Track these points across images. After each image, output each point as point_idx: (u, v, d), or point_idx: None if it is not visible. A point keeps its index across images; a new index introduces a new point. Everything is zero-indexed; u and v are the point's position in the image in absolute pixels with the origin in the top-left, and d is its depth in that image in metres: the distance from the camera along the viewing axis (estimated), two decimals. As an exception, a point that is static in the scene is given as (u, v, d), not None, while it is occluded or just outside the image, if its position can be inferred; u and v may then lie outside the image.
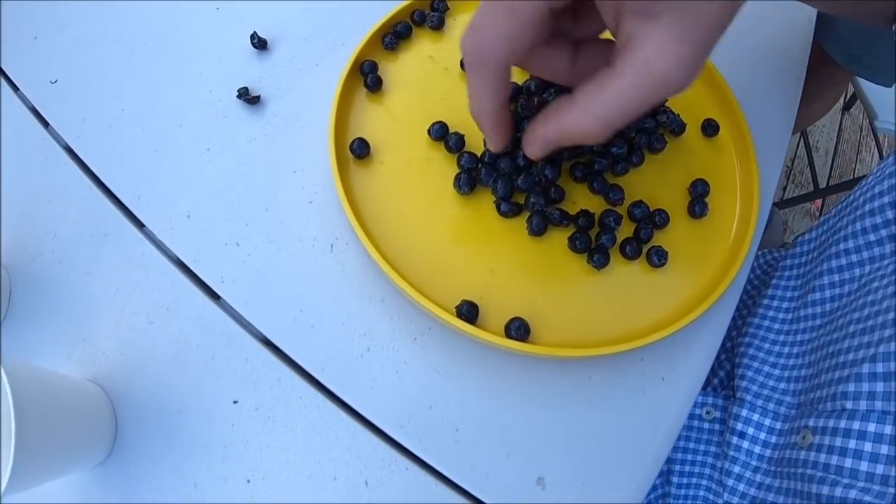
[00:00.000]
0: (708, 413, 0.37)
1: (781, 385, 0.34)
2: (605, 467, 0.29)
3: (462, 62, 0.37)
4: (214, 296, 0.33)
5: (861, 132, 1.50)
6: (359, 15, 0.40)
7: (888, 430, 0.26)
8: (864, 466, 0.26)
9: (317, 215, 0.34)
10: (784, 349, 0.35)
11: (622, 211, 0.33)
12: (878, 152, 1.38)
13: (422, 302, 0.29)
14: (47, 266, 0.35)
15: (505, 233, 0.33)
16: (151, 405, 0.31)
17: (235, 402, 0.31)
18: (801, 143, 1.36)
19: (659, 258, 0.32)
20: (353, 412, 0.30)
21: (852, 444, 0.27)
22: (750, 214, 0.33)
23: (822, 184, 1.35)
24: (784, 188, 1.36)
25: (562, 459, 0.29)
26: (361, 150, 0.34)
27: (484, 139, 0.34)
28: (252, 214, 0.34)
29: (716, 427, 0.37)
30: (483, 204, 0.33)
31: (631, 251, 0.32)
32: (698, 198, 0.34)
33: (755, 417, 0.34)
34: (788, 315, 0.37)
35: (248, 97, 0.37)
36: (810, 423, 0.30)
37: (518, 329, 0.29)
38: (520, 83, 0.35)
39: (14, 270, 0.35)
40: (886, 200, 0.31)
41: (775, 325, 0.37)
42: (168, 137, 0.37)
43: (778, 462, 0.32)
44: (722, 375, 0.40)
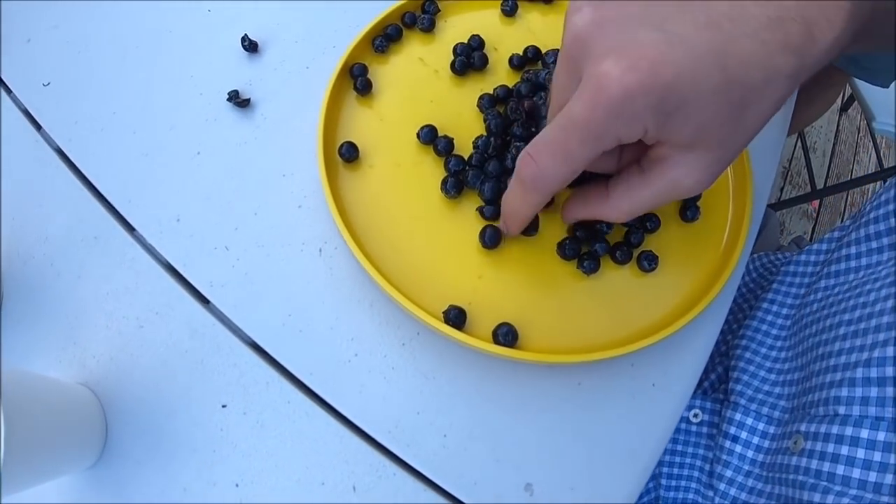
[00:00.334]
0: (696, 416, 0.37)
1: (777, 389, 0.34)
2: (595, 473, 0.29)
3: (453, 64, 0.37)
4: (204, 300, 0.33)
5: (858, 133, 1.50)
6: (349, 17, 0.40)
7: (881, 437, 0.26)
8: (857, 473, 0.26)
9: (305, 219, 0.34)
10: (781, 353, 0.35)
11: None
12: (876, 153, 1.38)
13: (409, 307, 0.29)
14: (38, 269, 0.35)
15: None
16: (141, 409, 0.31)
17: (224, 407, 0.31)
18: (799, 144, 1.36)
19: (649, 263, 0.31)
20: (342, 417, 0.30)
21: (844, 451, 0.27)
22: (742, 218, 0.33)
23: (820, 185, 1.35)
24: (781, 189, 1.35)
25: (550, 465, 0.29)
26: (350, 154, 0.33)
27: (474, 142, 0.34)
28: (241, 218, 0.34)
29: (703, 430, 0.36)
30: (471, 208, 0.33)
31: (621, 256, 0.32)
32: (690, 201, 0.34)
33: (749, 421, 0.33)
34: (788, 321, 0.36)
35: (239, 100, 0.37)
36: (802, 428, 0.30)
37: (506, 335, 0.29)
38: (510, 86, 0.35)
39: (5, 273, 0.35)
40: (891, 208, 0.31)
41: (773, 331, 0.36)
42: (159, 141, 0.37)
43: (770, 467, 0.32)
44: (713, 378, 0.40)
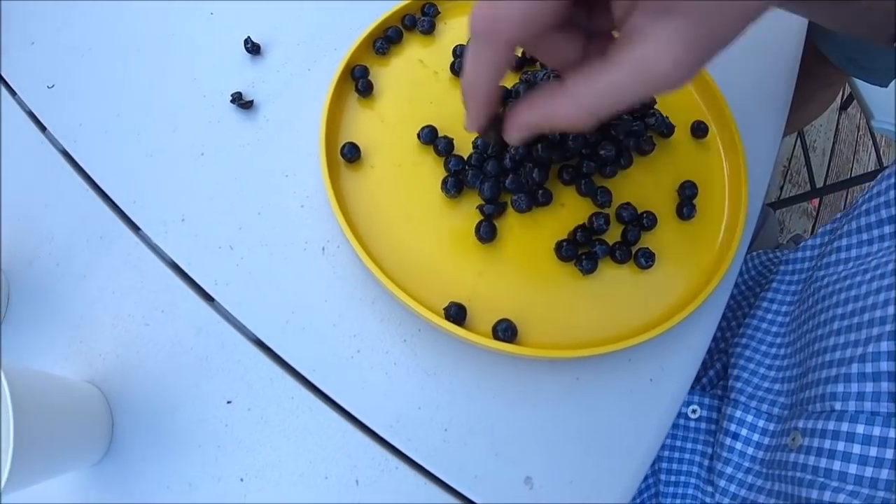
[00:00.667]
0: (694, 412, 0.37)
1: (776, 386, 0.34)
2: (593, 467, 0.29)
3: (453, 65, 0.38)
4: (208, 298, 0.33)
5: (858, 132, 1.50)
6: (350, 20, 0.41)
7: (877, 432, 0.26)
8: (853, 469, 0.26)
9: (308, 219, 0.35)
10: (781, 350, 0.35)
11: (610, 213, 0.33)
12: (876, 152, 1.38)
13: (410, 304, 0.29)
14: (44, 269, 0.35)
15: (494, 235, 0.33)
16: (147, 405, 0.32)
17: (229, 403, 0.31)
18: (798, 143, 1.36)
19: (646, 260, 0.32)
20: (344, 412, 0.30)
21: (841, 447, 0.27)
22: (739, 216, 0.33)
23: (819, 183, 1.35)
24: (781, 188, 1.36)
25: (549, 459, 0.29)
26: (352, 154, 0.34)
27: (473, 142, 0.34)
28: (245, 218, 0.35)
29: (702, 426, 0.37)
30: (471, 207, 0.33)
31: (620, 254, 0.32)
32: (686, 200, 0.34)
33: (748, 419, 0.34)
34: (787, 318, 0.36)
35: (242, 102, 0.38)
36: (800, 425, 0.30)
37: (505, 330, 0.29)
38: (509, 87, 0.36)
39: (12, 274, 0.35)
40: (882, 200, 0.31)
41: (773, 328, 0.37)
42: (163, 142, 0.38)
43: (769, 464, 0.32)
44: (712, 374, 0.40)
